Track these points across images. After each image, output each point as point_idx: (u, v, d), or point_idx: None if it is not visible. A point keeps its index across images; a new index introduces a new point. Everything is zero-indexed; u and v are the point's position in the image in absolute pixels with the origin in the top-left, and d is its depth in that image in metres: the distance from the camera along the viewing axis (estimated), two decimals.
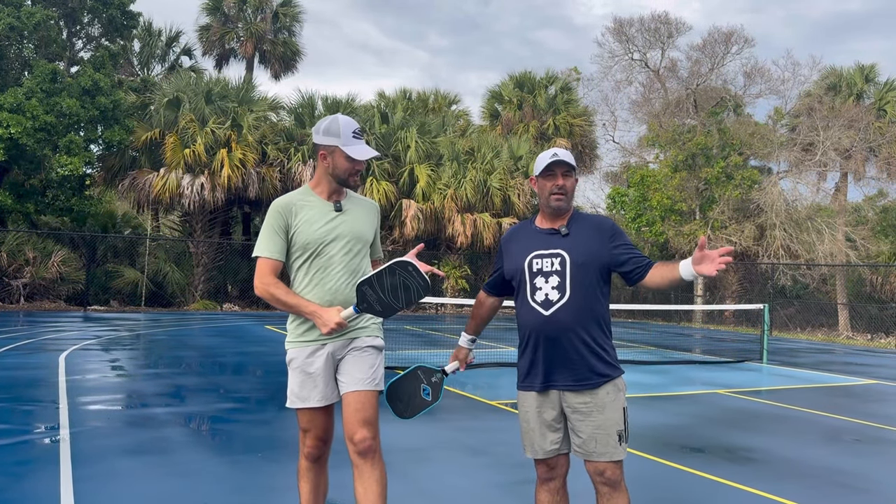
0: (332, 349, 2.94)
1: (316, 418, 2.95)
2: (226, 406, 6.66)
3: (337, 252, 2.95)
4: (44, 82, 17.87)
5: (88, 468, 4.43)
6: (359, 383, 2.90)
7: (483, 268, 25.80)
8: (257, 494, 4.06)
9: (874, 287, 27.25)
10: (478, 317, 3.25)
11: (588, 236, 2.86)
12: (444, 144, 24.23)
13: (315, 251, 2.93)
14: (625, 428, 2.79)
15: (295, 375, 2.95)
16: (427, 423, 6.19)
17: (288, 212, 2.93)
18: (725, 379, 10.25)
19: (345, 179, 2.99)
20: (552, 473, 2.91)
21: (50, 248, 18.91)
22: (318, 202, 2.99)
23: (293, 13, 27.90)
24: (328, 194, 3.02)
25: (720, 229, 25.82)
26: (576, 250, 2.83)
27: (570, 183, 2.87)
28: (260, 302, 23.13)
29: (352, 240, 2.99)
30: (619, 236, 2.86)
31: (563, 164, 2.85)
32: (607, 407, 2.76)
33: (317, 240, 2.92)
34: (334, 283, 2.93)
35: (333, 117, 3.03)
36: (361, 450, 2.83)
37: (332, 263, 2.94)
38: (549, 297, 2.84)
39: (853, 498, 4.55)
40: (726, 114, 28.40)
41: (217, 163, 20.61)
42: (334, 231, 2.95)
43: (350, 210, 3.04)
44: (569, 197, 2.88)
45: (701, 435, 6.22)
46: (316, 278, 2.93)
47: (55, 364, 8.74)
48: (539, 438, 2.87)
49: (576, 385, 2.79)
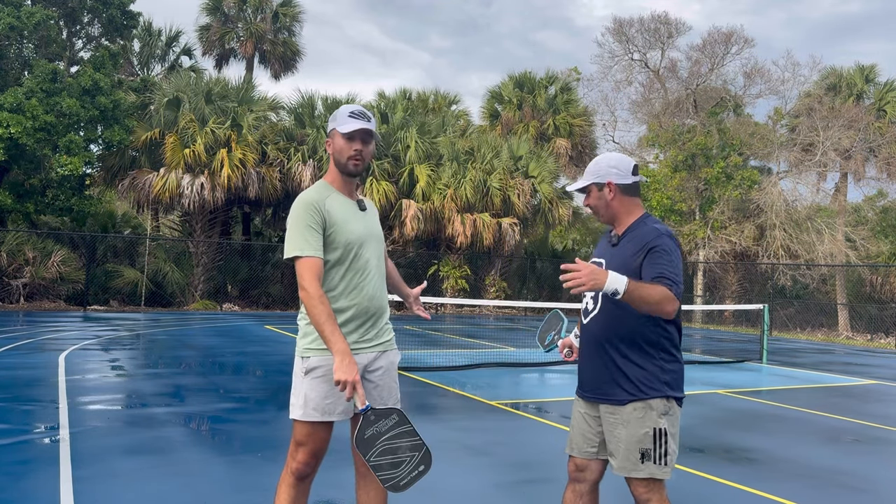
0: (365, 361, 2.76)
1: (318, 432, 2.71)
2: (225, 406, 6.66)
3: (371, 254, 2.79)
4: (44, 82, 17.87)
5: (88, 468, 4.43)
6: (394, 404, 2.83)
7: (482, 268, 25.78)
8: (257, 494, 4.06)
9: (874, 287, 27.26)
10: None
11: (629, 247, 2.74)
12: (443, 144, 24.23)
13: (355, 253, 2.73)
14: (655, 448, 2.68)
15: (318, 385, 2.68)
16: (427, 423, 6.19)
17: (321, 206, 2.70)
18: (725, 379, 10.25)
19: (344, 164, 2.76)
20: (579, 475, 2.89)
21: (50, 247, 18.90)
22: (342, 199, 2.79)
23: (293, 13, 27.91)
24: (348, 191, 2.83)
25: (720, 229, 25.82)
26: (612, 261, 2.77)
27: (589, 200, 2.87)
28: (259, 302, 23.14)
29: (379, 242, 2.86)
30: (654, 253, 2.64)
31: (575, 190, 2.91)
32: (632, 423, 2.69)
33: (356, 240, 2.74)
34: (372, 288, 2.77)
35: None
36: None
37: (368, 267, 2.77)
38: (587, 306, 2.85)
39: (853, 498, 4.55)
40: (726, 114, 28.41)
41: (217, 163, 20.61)
42: (366, 232, 2.79)
43: (369, 210, 2.90)
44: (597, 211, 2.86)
45: (701, 435, 6.22)
46: (354, 283, 2.73)
47: (55, 364, 8.74)
48: (578, 437, 2.90)
49: (602, 398, 2.78)
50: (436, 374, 9.22)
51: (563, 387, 8.95)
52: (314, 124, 22.93)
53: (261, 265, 24.99)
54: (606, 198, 2.79)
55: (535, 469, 4.89)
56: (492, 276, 25.43)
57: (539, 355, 11.97)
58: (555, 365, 10.88)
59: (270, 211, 26.00)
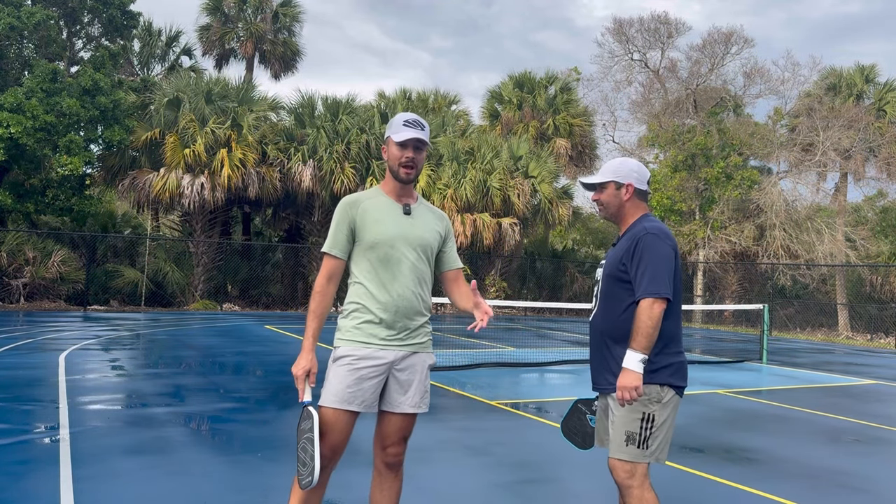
0: (392, 358, 2.81)
1: (338, 422, 2.74)
2: (226, 406, 6.66)
3: (406, 256, 2.84)
4: (44, 82, 17.87)
5: (88, 468, 4.43)
6: (413, 407, 2.84)
7: (482, 268, 25.78)
8: (257, 494, 4.06)
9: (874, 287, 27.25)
10: None
11: (622, 245, 2.91)
12: (443, 144, 24.23)
13: (385, 253, 2.82)
14: (640, 433, 2.77)
15: (342, 374, 2.76)
16: (427, 423, 6.19)
17: (354, 207, 2.86)
18: (725, 379, 10.26)
19: (396, 171, 2.86)
20: None
21: (50, 247, 18.90)
22: (386, 202, 2.90)
23: (293, 13, 27.91)
24: (396, 195, 2.92)
25: (720, 229, 25.82)
26: (609, 259, 2.95)
27: (601, 196, 3.00)
28: (259, 302, 23.15)
29: (421, 245, 2.89)
30: (639, 251, 2.80)
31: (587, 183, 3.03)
32: (625, 408, 2.81)
33: (386, 240, 2.82)
34: (402, 287, 2.82)
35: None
36: (392, 462, 2.88)
37: (401, 268, 2.83)
38: (593, 304, 3.06)
39: (853, 498, 4.55)
40: (726, 114, 28.42)
41: (217, 163, 20.61)
42: (404, 233, 2.85)
43: (419, 216, 2.95)
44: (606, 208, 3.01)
45: (701, 435, 6.22)
46: (382, 281, 2.82)
47: (55, 364, 8.74)
48: (601, 431, 3.06)
49: (606, 388, 2.92)
50: (436, 374, 9.21)
51: (563, 387, 8.95)
52: (314, 124, 22.93)
53: (261, 265, 25.00)
54: (622, 197, 2.96)
55: (535, 469, 4.89)
56: (492, 276, 25.44)
57: (539, 355, 11.98)
58: (555, 365, 10.89)
59: (270, 211, 26.00)
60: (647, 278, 2.73)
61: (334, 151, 22.17)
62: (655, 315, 2.70)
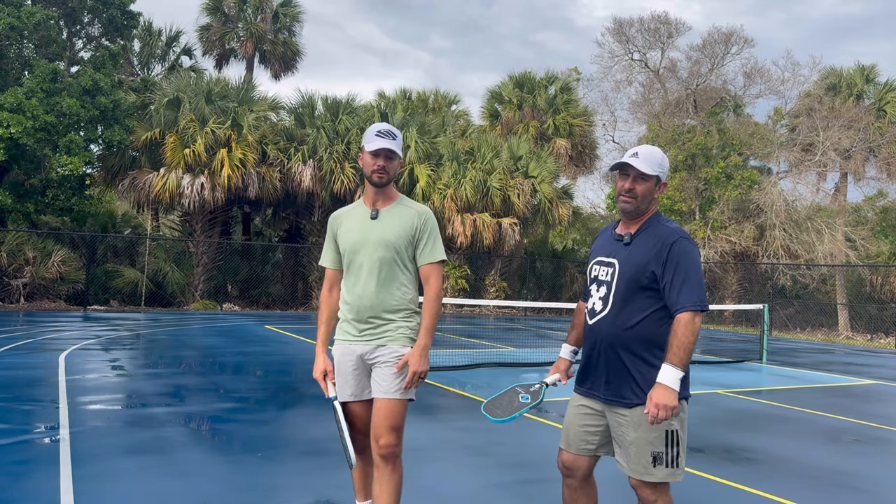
0: (360, 352, 3.12)
1: (353, 411, 3.16)
2: (226, 406, 6.66)
3: (365, 259, 3.10)
4: (44, 82, 17.87)
5: (88, 468, 4.43)
6: (387, 392, 3.05)
7: (482, 268, 25.78)
8: (257, 494, 4.06)
9: (874, 287, 27.24)
10: (574, 326, 3.09)
11: (645, 249, 2.67)
12: (443, 144, 24.22)
13: (349, 258, 3.14)
14: (666, 451, 2.63)
15: (336, 369, 3.20)
16: (427, 423, 6.19)
17: (336, 222, 3.23)
18: (725, 379, 10.25)
19: (370, 177, 3.11)
20: (569, 471, 2.89)
21: (50, 247, 18.89)
22: (360, 211, 3.20)
23: (293, 13, 27.90)
24: (371, 201, 3.17)
25: (720, 229, 25.82)
26: (627, 261, 2.70)
27: (641, 188, 2.71)
28: (259, 302, 23.15)
29: (379, 247, 3.08)
30: (674, 257, 2.60)
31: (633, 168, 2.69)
32: (643, 426, 2.63)
33: (350, 247, 3.13)
34: (361, 288, 3.10)
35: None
36: (385, 454, 3.03)
37: (361, 271, 3.11)
38: (594, 307, 2.81)
39: (853, 498, 4.55)
40: (726, 114, 28.40)
41: (217, 163, 20.61)
42: (364, 237, 3.11)
43: (387, 217, 3.13)
44: (638, 201, 2.73)
45: (701, 435, 6.22)
46: (349, 283, 3.15)
47: (55, 364, 8.74)
48: (575, 434, 2.86)
49: (613, 400, 2.73)
50: (436, 374, 9.21)
51: (563, 387, 8.94)
52: (314, 124, 22.93)
53: (261, 265, 25.00)
54: (654, 193, 2.77)
55: (535, 469, 4.89)
56: (492, 276, 25.44)
57: (539, 355, 11.98)
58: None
59: (270, 211, 25.99)
60: (687, 289, 2.57)
61: (334, 151, 22.17)
62: (697, 328, 2.57)
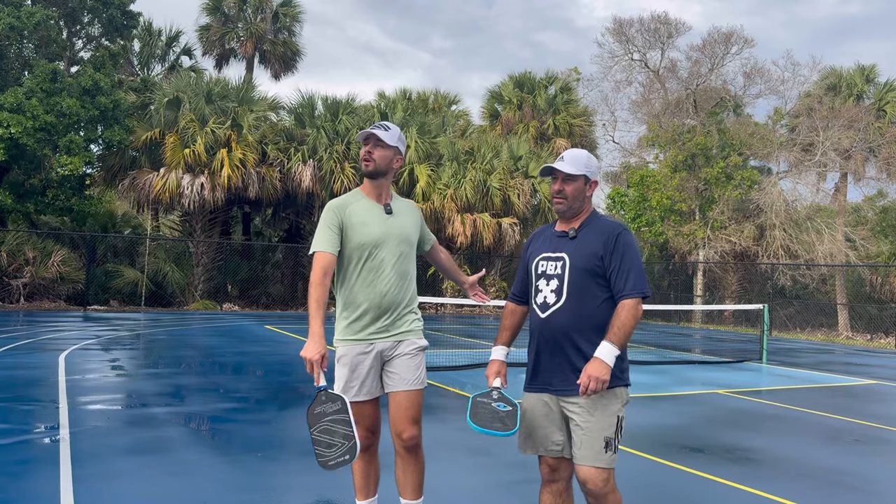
0: (381, 348, 3.12)
1: (364, 410, 3.11)
2: (226, 406, 6.66)
3: (388, 255, 3.10)
4: (44, 82, 17.87)
5: (88, 468, 4.43)
6: (408, 384, 3.09)
7: (482, 268, 25.78)
8: (257, 494, 4.06)
9: (874, 287, 27.25)
10: (505, 327, 3.13)
11: (592, 240, 2.81)
12: (443, 144, 24.23)
13: (369, 253, 3.08)
14: (615, 437, 2.71)
15: (342, 370, 3.11)
16: (427, 423, 6.18)
17: (343, 211, 3.11)
18: (725, 379, 10.25)
19: (361, 166, 3.18)
20: (554, 475, 2.87)
21: (50, 247, 18.90)
22: (368, 204, 3.16)
23: (293, 13, 27.90)
24: (375, 195, 3.18)
25: (720, 229, 25.81)
26: (577, 254, 2.81)
27: (569, 188, 2.85)
28: (259, 302, 23.14)
29: (402, 242, 3.15)
30: (620, 247, 2.76)
31: (559, 170, 2.84)
32: (598, 412, 2.70)
33: (370, 242, 3.07)
34: (384, 285, 3.09)
35: None
36: (409, 445, 3.08)
37: (383, 266, 3.09)
38: (546, 300, 2.85)
39: (853, 498, 4.55)
40: (726, 114, 28.39)
41: (217, 163, 20.61)
42: (387, 233, 3.11)
43: (398, 212, 3.21)
44: (570, 201, 2.86)
45: (700, 435, 6.22)
46: (367, 280, 3.09)
47: (55, 364, 8.74)
48: (541, 434, 2.85)
49: (566, 390, 2.76)
50: (436, 374, 9.21)
51: None
52: (314, 124, 22.93)
53: (261, 265, 24.99)
54: (586, 193, 2.90)
55: (535, 469, 4.87)
56: (492, 276, 25.44)
57: None
58: None
59: (270, 211, 26.00)
60: (633, 276, 2.73)
61: (334, 151, 22.17)
62: (639, 314, 2.72)
